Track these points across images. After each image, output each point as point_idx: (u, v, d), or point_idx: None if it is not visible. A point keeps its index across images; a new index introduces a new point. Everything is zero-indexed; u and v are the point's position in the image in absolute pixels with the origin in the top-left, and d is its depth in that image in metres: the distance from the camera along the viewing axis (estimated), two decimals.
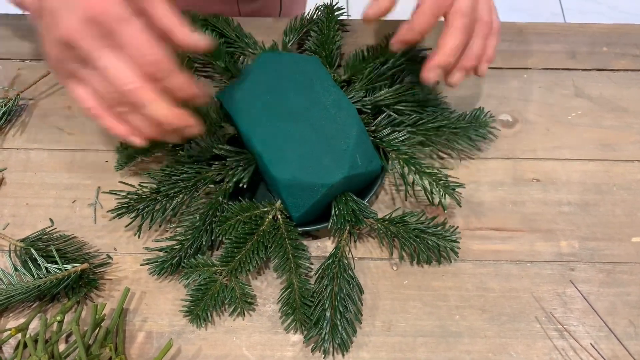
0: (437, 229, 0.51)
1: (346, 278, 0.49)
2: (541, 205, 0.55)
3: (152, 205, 0.51)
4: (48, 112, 0.60)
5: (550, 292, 0.51)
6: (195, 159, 0.53)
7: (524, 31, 0.66)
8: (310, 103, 0.52)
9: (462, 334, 0.49)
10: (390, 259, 0.52)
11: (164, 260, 0.50)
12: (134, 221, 0.51)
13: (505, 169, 0.57)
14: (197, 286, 0.49)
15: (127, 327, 0.49)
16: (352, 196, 0.52)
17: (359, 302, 0.49)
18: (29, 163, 0.57)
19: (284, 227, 0.51)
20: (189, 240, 0.50)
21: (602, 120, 0.60)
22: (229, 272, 0.49)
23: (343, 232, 0.51)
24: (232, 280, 0.49)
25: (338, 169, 0.50)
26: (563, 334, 0.49)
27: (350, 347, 0.48)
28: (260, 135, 0.51)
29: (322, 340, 0.47)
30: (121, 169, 0.55)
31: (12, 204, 0.55)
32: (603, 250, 0.53)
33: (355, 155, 0.51)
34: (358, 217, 0.51)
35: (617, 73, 0.63)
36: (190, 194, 0.52)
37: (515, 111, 0.60)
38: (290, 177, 0.49)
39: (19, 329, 0.47)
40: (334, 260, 0.50)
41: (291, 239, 0.50)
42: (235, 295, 0.49)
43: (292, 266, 0.49)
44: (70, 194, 0.55)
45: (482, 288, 0.51)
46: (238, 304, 0.49)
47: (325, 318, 0.47)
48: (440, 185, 0.52)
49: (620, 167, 0.57)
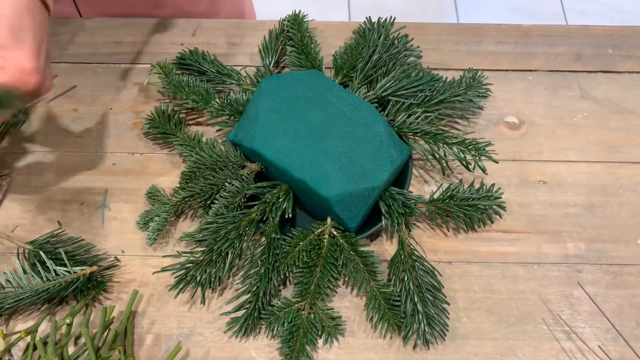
0: (481, 192, 0.53)
1: (423, 268, 0.49)
2: (547, 207, 0.55)
3: (208, 268, 0.49)
4: (55, 115, 0.60)
5: (557, 294, 0.51)
6: (231, 207, 0.51)
7: (529, 33, 0.66)
8: (329, 115, 0.52)
9: (469, 336, 0.49)
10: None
11: (245, 318, 0.48)
12: (196, 291, 0.50)
13: (511, 171, 0.57)
14: (286, 330, 0.48)
15: (135, 330, 0.49)
16: (394, 189, 0.52)
17: (442, 287, 0.49)
18: (37, 166, 0.57)
19: (344, 241, 0.50)
20: (260, 289, 0.48)
21: (608, 122, 0.60)
22: (309, 303, 0.48)
23: (400, 225, 0.51)
24: (315, 310, 0.48)
25: (381, 167, 0.50)
26: (570, 336, 0.49)
27: (448, 331, 0.48)
28: (294, 162, 0.50)
29: (422, 334, 0.47)
30: (153, 243, 0.52)
31: (19, 207, 0.55)
32: (609, 252, 0.53)
33: (390, 149, 0.51)
34: (410, 207, 0.51)
35: (622, 75, 0.63)
36: (240, 244, 0.50)
37: (521, 113, 0.60)
38: (339, 192, 0.49)
39: (29, 332, 0.47)
40: (404, 254, 0.50)
41: (356, 250, 0.50)
42: (326, 324, 0.48)
43: (366, 275, 0.49)
44: (78, 197, 0.55)
45: (490, 290, 0.51)
46: (331, 332, 0.48)
47: (419, 311, 0.47)
48: (472, 150, 0.53)
49: (626, 169, 0.57)
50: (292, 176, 0.50)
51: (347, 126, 0.52)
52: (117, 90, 0.62)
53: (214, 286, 0.50)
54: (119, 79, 0.63)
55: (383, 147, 0.51)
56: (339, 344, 0.49)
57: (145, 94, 0.61)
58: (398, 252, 0.50)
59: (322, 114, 0.52)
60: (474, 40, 0.65)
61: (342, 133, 0.51)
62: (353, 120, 0.52)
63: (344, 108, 0.53)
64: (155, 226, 0.51)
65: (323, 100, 0.53)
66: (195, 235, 0.50)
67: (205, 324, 0.49)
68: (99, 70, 0.63)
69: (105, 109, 0.61)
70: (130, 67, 0.63)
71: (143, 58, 0.64)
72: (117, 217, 0.54)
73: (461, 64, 0.63)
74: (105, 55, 0.64)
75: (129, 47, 0.65)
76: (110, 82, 0.62)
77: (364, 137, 0.51)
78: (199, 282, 0.49)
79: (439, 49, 0.65)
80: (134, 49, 0.64)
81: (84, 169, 0.57)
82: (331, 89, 0.54)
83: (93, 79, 0.62)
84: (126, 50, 0.64)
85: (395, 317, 0.48)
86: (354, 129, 0.52)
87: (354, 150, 0.51)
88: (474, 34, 0.65)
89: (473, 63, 0.63)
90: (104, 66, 0.63)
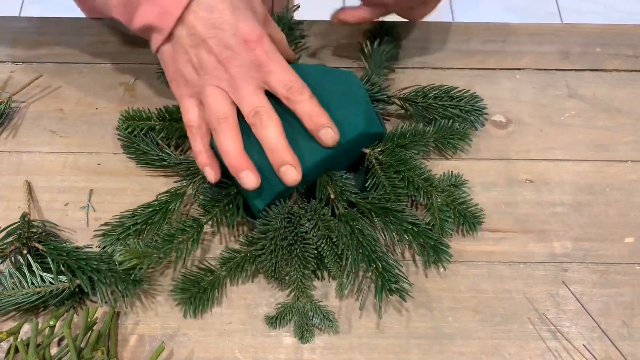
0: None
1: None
2: (534, 206, 0.55)
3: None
4: (40, 114, 0.60)
5: (543, 293, 0.51)
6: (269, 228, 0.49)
7: (516, 32, 0.66)
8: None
9: (455, 336, 0.49)
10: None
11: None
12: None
13: (498, 169, 0.57)
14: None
15: (119, 330, 0.49)
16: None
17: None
18: (21, 166, 0.57)
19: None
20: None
21: (595, 121, 0.60)
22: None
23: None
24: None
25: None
26: (556, 335, 0.49)
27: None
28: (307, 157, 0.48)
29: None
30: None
31: (4, 207, 0.55)
32: (596, 250, 0.53)
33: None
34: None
35: (610, 73, 0.63)
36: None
37: (508, 112, 0.60)
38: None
39: (11, 333, 0.47)
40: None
41: None
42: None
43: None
44: (63, 197, 0.55)
45: (475, 289, 0.51)
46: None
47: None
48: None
49: (614, 168, 0.57)
50: (308, 166, 0.48)
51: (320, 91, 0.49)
52: (103, 90, 0.62)
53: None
54: (104, 78, 0.62)
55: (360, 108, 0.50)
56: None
57: (131, 94, 0.61)
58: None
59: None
60: (462, 39, 0.65)
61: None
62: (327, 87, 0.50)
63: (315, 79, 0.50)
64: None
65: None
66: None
67: (190, 324, 0.49)
68: (84, 70, 0.63)
69: (91, 109, 0.60)
70: (115, 67, 0.63)
71: (129, 58, 0.64)
72: (101, 217, 0.54)
73: (448, 63, 0.63)
74: (90, 55, 0.64)
75: (115, 47, 0.64)
76: (96, 81, 0.62)
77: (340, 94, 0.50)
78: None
79: (426, 48, 0.64)
80: (120, 49, 0.64)
81: (69, 169, 0.57)
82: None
83: (79, 78, 0.62)
84: (112, 50, 0.64)
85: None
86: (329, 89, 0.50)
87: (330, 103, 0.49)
88: (462, 32, 0.65)
89: (460, 62, 0.63)
90: (89, 66, 0.63)
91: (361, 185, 0.53)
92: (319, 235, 0.48)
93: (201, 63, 0.46)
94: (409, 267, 0.52)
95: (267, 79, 0.46)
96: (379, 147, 0.53)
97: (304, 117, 0.47)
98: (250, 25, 0.46)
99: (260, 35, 0.46)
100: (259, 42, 0.46)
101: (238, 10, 0.46)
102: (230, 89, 0.46)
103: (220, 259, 0.50)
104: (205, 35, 0.45)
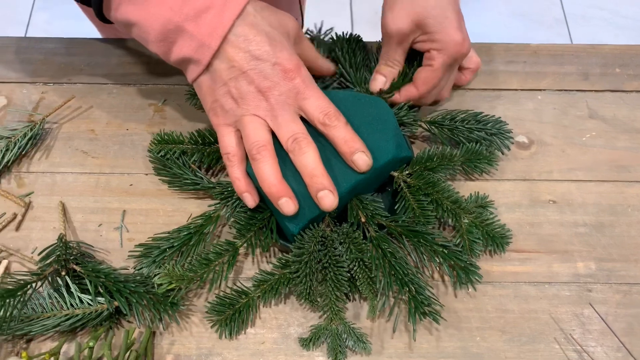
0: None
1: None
2: (557, 226, 0.56)
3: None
4: (72, 135, 0.61)
5: (569, 313, 0.52)
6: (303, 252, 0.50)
7: (538, 52, 0.67)
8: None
9: (483, 356, 0.50)
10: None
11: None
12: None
13: (521, 190, 0.58)
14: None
15: (155, 350, 0.50)
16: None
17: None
18: (55, 187, 0.58)
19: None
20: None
21: (616, 142, 0.61)
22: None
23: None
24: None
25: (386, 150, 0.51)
26: (582, 355, 0.50)
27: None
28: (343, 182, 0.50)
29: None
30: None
31: (39, 228, 0.56)
32: (619, 271, 0.54)
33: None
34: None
35: (630, 94, 0.64)
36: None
37: (531, 133, 0.61)
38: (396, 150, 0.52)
39: (52, 353, 0.48)
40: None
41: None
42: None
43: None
44: (96, 218, 0.56)
45: (502, 309, 0.52)
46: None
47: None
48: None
49: (635, 188, 0.58)
50: (344, 190, 0.50)
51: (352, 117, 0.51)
52: (132, 110, 0.63)
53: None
54: (134, 99, 0.63)
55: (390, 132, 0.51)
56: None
57: (160, 115, 0.62)
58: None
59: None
60: (485, 60, 0.66)
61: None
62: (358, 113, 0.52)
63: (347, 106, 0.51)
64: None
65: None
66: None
67: (224, 344, 0.50)
68: (114, 91, 0.64)
69: (121, 130, 0.61)
70: (144, 88, 0.64)
71: (157, 79, 0.65)
72: (135, 238, 0.55)
73: (471, 84, 0.64)
74: (119, 76, 0.65)
75: (143, 68, 0.65)
76: (125, 102, 0.63)
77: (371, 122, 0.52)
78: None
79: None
80: (148, 69, 0.65)
81: (101, 189, 0.58)
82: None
83: (109, 99, 0.63)
84: (140, 71, 0.65)
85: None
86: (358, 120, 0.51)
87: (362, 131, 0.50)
88: (484, 53, 0.66)
89: (484, 82, 0.64)
90: (118, 87, 0.64)
91: (389, 206, 0.54)
92: (351, 258, 0.49)
93: (241, 93, 0.47)
94: (439, 288, 0.53)
95: (303, 105, 0.48)
96: (407, 169, 0.54)
97: (339, 142, 0.48)
98: (288, 54, 0.47)
99: (298, 64, 0.47)
100: (297, 71, 0.47)
101: (274, 40, 0.47)
102: (269, 116, 0.47)
103: (255, 281, 0.51)
104: (245, 67, 0.46)
